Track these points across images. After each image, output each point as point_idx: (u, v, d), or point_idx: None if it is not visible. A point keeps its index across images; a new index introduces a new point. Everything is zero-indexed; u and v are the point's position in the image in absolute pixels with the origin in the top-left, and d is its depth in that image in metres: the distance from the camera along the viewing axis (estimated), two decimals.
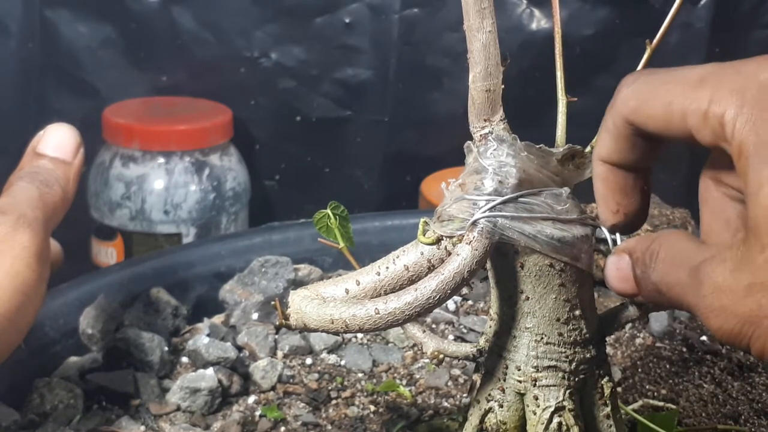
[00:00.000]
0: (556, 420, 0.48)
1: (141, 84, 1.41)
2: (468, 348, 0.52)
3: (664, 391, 0.68)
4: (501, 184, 0.46)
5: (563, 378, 0.48)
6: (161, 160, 1.30)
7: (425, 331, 0.54)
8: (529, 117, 0.75)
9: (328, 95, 1.41)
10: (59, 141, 0.61)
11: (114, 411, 0.66)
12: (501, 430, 0.50)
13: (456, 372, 0.72)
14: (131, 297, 0.77)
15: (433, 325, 0.79)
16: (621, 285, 0.44)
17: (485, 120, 0.47)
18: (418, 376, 0.72)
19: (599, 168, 0.45)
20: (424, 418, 0.66)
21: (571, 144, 0.48)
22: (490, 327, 0.50)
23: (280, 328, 0.48)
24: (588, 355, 0.49)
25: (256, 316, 0.78)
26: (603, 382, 0.50)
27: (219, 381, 0.67)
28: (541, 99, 0.80)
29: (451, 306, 0.82)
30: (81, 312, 0.72)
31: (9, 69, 1.36)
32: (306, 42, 1.39)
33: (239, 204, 1.36)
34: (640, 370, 0.71)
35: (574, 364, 0.48)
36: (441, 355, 0.53)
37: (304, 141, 1.44)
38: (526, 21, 1.37)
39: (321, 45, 1.39)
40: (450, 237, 0.46)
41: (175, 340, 0.75)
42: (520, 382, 0.49)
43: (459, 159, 0.48)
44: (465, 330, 0.78)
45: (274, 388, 0.70)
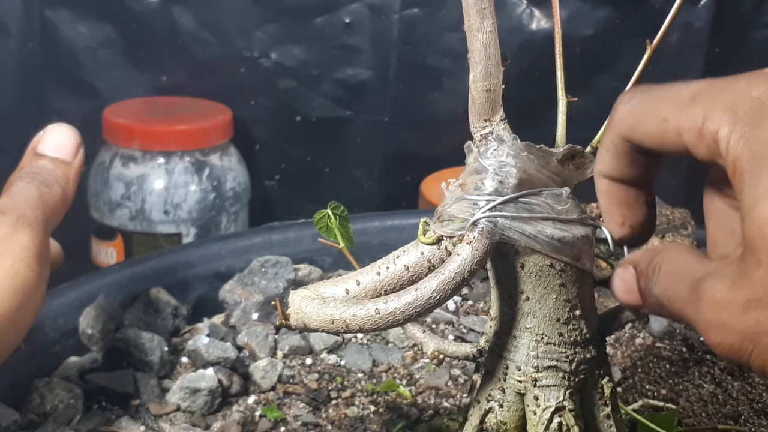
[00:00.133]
0: (556, 420, 0.48)
1: (141, 84, 1.41)
2: (468, 348, 0.52)
3: (664, 391, 0.68)
4: (501, 184, 0.46)
5: (563, 378, 0.48)
6: (161, 160, 1.30)
7: (425, 331, 0.54)
8: (529, 117, 0.75)
9: (328, 95, 1.41)
10: (59, 141, 0.61)
11: (114, 411, 0.66)
12: (501, 430, 0.50)
13: (456, 372, 0.72)
14: (131, 297, 0.77)
15: (433, 325, 0.79)
16: (626, 296, 0.44)
17: (485, 120, 0.47)
18: (418, 376, 0.72)
19: (601, 183, 0.46)
20: (424, 418, 0.66)
21: (572, 144, 0.48)
22: (490, 327, 0.50)
23: (280, 328, 0.48)
24: (588, 355, 0.49)
25: (256, 316, 0.78)
26: (603, 382, 0.50)
27: (219, 381, 0.67)
28: (541, 99, 0.80)
29: (451, 306, 0.82)
30: (81, 312, 0.72)
31: (9, 69, 1.36)
32: (306, 42, 1.39)
33: (239, 204, 1.36)
34: (640, 370, 0.71)
35: (574, 364, 0.48)
36: (441, 355, 0.53)
37: (304, 141, 1.44)
38: (526, 21, 1.37)
39: (321, 45, 1.39)
40: (450, 237, 0.46)
41: (175, 340, 0.75)
42: (520, 382, 0.49)
43: (459, 159, 0.48)
44: (465, 330, 0.78)
45: (274, 388, 0.70)
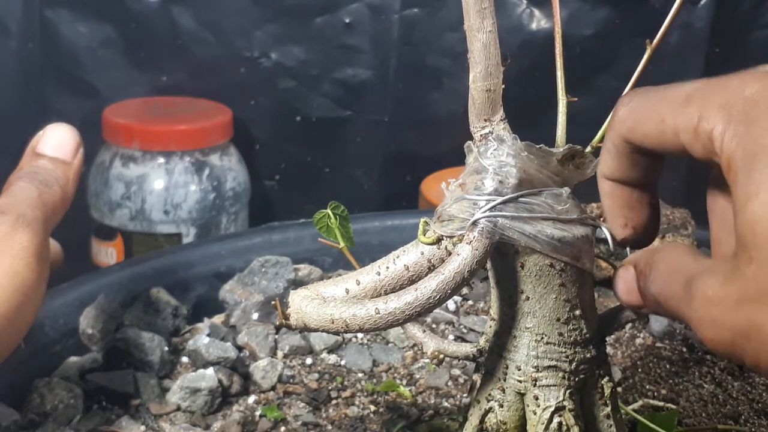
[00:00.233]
0: (556, 420, 0.48)
1: (141, 84, 1.41)
2: (468, 348, 0.52)
3: (664, 391, 0.68)
4: (501, 184, 0.45)
5: (563, 378, 0.48)
6: (161, 160, 1.30)
7: (425, 331, 0.54)
8: (529, 117, 0.75)
9: (328, 95, 1.41)
10: (59, 141, 0.61)
11: (114, 411, 0.66)
12: (501, 430, 0.50)
13: (456, 372, 0.72)
14: (131, 297, 0.77)
15: (433, 325, 0.79)
16: (627, 297, 0.45)
17: (485, 120, 0.47)
18: (418, 376, 0.72)
19: (604, 185, 0.46)
20: (424, 418, 0.66)
21: (571, 144, 0.48)
22: (490, 327, 0.50)
23: (280, 328, 0.48)
24: (588, 355, 0.49)
25: (256, 316, 0.78)
26: (603, 382, 0.50)
27: (219, 381, 0.67)
28: (541, 99, 0.80)
29: (451, 306, 0.82)
30: (81, 312, 0.72)
31: (9, 69, 1.36)
32: (306, 42, 1.39)
33: (239, 204, 1.36)
34: (640, 370, 0.71)
35: (574, 364, 0.48)
36: (441, 355, 0.53)
37: (304, 141, 1.44)
38: (526, 21, 1.37)
39: (321, 45, 1.39)
40: (450, 237, 0.46)
41: (175, 340, 0.75)
42: (520, 382, 0.49)
43: (459, 159, 0.48)
44: (465, 330, 0.78)
45: (274, 388, 0.70)
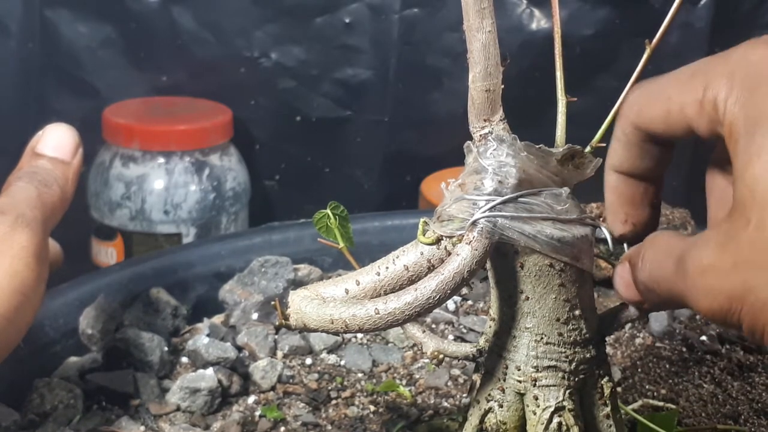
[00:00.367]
0: (556, 420, 0.48)
1: (141, 84, 1.41)
2: (468, 348, 0.52)
3: (664, 391, 0.68)
4: (501, 184, 0.45)
5: (563, 378, 0.48)
6: (161, 160, 1.30)
7: (425, 331, 0.54)
8: (529, 117, 0.75)
9: (328, 95, 1.41)
10: (58, 141, 0.61)
11: (114, 411, 0.66)
12: (501, 430, 0.50)
13: (456, 372, 0.72)
14: (131, 297, 0.77)
15: (433, 325, 0.79)
16: (626, 292, 0.45)
17: (485, 120, 0.47)
18: (418, 376, 0.72)
19: (611, 177, 0.46)
20: (424, 418, 0.66)
21: (571, 144, 0.48)
22: (489, 327, 0.50)
23: (280, 328, 0.48)
24: (588, 355, 0.49)
25: (256, 316, 0.77)
26: (603, 382, 0.50)
27: (219, 381, 0.67)
28: (541, 99, 0.80)
29: (451, 306, 0.82)
30: (81, 312, 0.72)
31: (9, 69, 1.35)
32: (306, 42, 1.39)
33: (239, 204, 1.36)
34: (640, 370, 0.71)
35: (574, 364, 0.48)
36: (441, 355, 0.53)
37: (304, 141, 1.44)
38: (526, 21, 1.37)
39: (321, 45, 1.39)
40: (450, 237, 0.46)
41: (175, 340, 0.75)
42: (520, 382, 0.49)
43: (459, 159, 0.48)
44: (465, 330, 0.78)
45: (273, 388, 0.70)
